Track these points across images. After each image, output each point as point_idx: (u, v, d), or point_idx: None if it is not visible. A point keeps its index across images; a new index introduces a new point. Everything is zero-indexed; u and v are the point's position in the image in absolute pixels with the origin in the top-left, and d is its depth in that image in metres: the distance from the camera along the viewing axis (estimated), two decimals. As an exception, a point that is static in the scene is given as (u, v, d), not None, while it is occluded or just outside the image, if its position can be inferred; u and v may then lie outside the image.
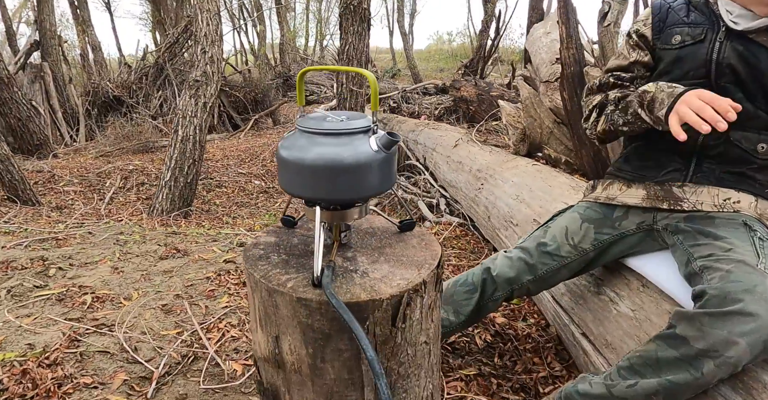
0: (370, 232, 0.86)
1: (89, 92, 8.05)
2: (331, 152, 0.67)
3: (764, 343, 0.85)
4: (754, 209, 1.16)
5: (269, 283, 0.68)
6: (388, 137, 0.69)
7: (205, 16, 4.30)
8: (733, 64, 1.13)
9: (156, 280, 2.11)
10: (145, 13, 18.04)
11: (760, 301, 0.86)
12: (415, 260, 0.75)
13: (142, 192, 4.89)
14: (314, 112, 0.75)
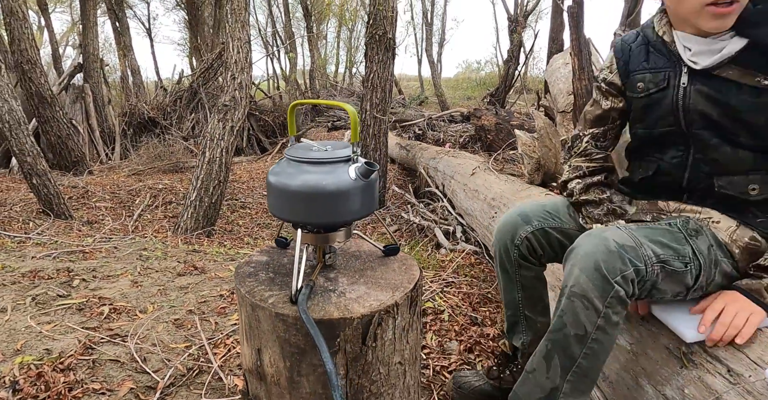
0: (356, 255, 0.92)
1: (126, 113, 8.42)
2: (313, 179, 0.73)
3: (595, 267, 0.98)
4: (731, 233, 1.13)
5: (253, 298, 0.74)
6: (365, 167, 0.75)
7: (236, 44, 4.51)
8: (701, 109, 1.08)
9: (172, 295, 2.19)
10: (183, 39, 18.87)
11: (590, 237, 1.04)
12: (392, 283, 0.80)
13: (169, 210, 5.06)
14: (302, 142, 0.82)
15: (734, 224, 1.14)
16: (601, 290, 0.98)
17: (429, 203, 4.32)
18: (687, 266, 1.08)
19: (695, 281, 1.11)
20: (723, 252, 1.13)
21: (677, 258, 1.06)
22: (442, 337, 1.92)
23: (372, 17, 4.99)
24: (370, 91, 5.00)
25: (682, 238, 1.10)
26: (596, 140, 1.34)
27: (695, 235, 1.12)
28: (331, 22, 20.22)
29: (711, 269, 1.11)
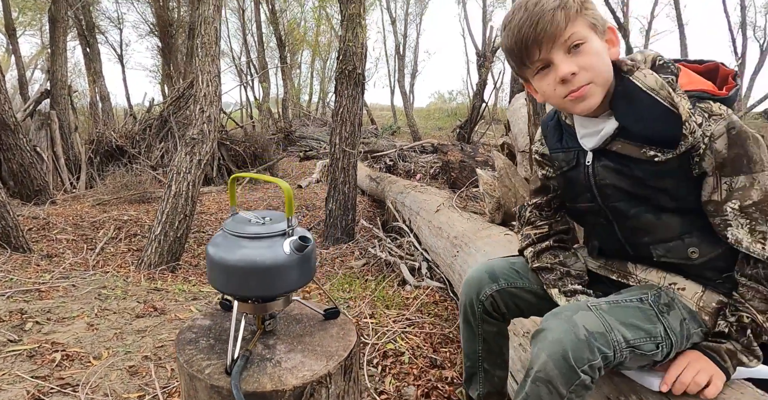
0: (298, 318, 0.94)
1: (93, 141, 8.31)
2: (249, 255, 0.77)
3: (563, 355, 0.96)
4: (697, 299, 1.13)
5: (190, 368, 0.76)
6: (299, 242, 0.79)
7: (205, 77, 4.55)
8: (611, 183, 1.12)
9: (128, 339, 2.16)
10: (155, 66, 18.83)
11: (560, 320, 1.01)
12: (328, 351, 0.83)
13: (133, 243, 4.97)
14: (240, 215, 0.85)
15: (700, 289, 1.14)
16: (567, 378, 0.97)
17: (396, 237, 4.36)
18: (658, 347, 1.07)
19: (665, 357, 1.10)
20: (696, 323, 1.13)
21: (649, 340, 1.06)
22: (400, 381, 1.94)
23: (342, 53, 5.11)
24: (340, 125, 5.08)
25: (653, 315, 1.09)
26: (539, 210, 1.38)
27: (667, 310, 1.12)
28: (305, 53, 20.54)
29: (683, 344, 1.11)
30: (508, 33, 1.07)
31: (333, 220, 5.03)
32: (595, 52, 1.04)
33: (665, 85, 1.01)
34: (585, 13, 1.03)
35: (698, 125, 1.01)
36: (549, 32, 1.01)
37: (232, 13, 19.85)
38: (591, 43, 1.03)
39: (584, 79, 1.03)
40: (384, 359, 2.11)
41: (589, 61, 1.03)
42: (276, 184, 0.78)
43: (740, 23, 20.36)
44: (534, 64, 1.07)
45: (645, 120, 1.04)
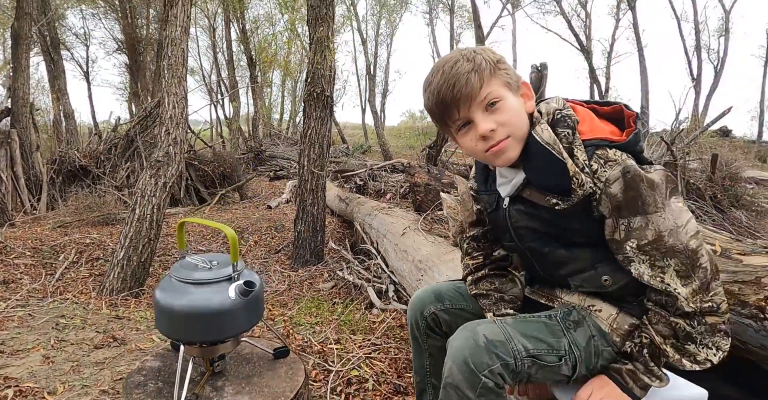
0: (248, 358, 0.96)
1: (56, 160, 8.10)
2: (195, 301, 0.78)
3: (464, 360, 1.07)
4: (611, 321, 1.20)
5: (138, 417, 0.77)
6: (244, 287, 0.81)
7: (172, 99, 4.52)
8: (525, 224, 1.21)
9: (86, 372, 2.10)
10: (123, 83, 18.58)
11: (464, 331, 1.13)
12: (275, 392, 0.85)
13: (95, 268, 4.84)
14: (188, 259, 0.87)
15: (615, 311, 1.21)
16: (471, 383, 1.06)
17: (364, 259, 4.38)
18: (561, 360, 1.15)
19: (573, 371, 1.19)
20: (605, 341, 1.20)
21: (551, 352, 1.14)
22: (363, 409, 1.94)
23: (310, 76, 5.15)
24: (308, 147, 5.10)
25: (559, 330, 1.18)
26: (476, 241, 1.47)
27: (574, 327, 1.20)
28: (276, 72, 20.60)
29: (591, 359, 1.19)
30: (429, 96, 1.15)
31: (302, 242, 5.01)
32: (511, 108, 1.12)
33: (557, 140, 1.09)
34: (498, 74, 1.12)
35: (592, 174, 1.08)
36: (465, 94, 1.09)
37: (203, 32, 19.83)
38: (506, 100, 1.12)
39: (502, 134, 1.12)
40: (348, 386, 2.11)
41: (505, 117, 1.11)
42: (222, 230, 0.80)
43: (695, 46, 21.39)
44: (455, 123, 1.16)
45: (543, 173, 1.12)
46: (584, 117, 1.15)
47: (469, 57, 1.11)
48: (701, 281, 1.06)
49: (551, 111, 1.15)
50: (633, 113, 1.15)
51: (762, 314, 1.67)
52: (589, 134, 1.11)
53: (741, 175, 5.80)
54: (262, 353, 0.99)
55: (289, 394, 0.83)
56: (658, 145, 6.12)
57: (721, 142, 12.56)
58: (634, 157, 1.10)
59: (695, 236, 1.07)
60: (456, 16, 22.53)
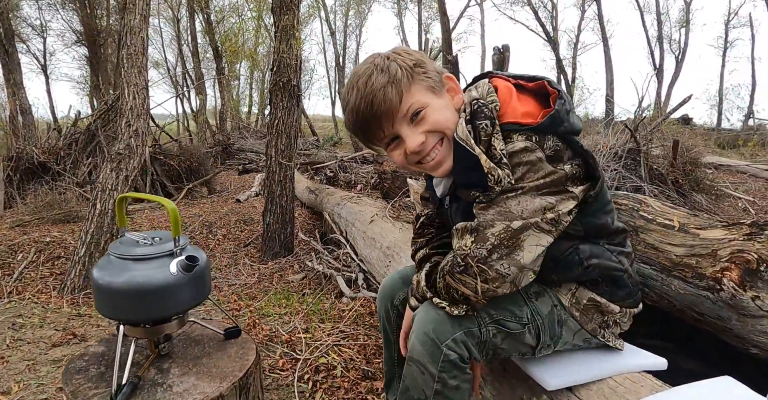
0: (198, 339, 0.93)
1: (13, 157, 7.79)
2: (136, 278, 0.75)
3: (425, 332, 1.07)
4: (570, 297, 1.22)
5: (75, 398, 0.73)
6: (186, 262, 0.78)
7: (131, 89, 4.39)
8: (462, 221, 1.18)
9: (42, 370, 2.03)
10: (83, 77, 17.97)
11: (426, 305, 1.13)
12: (223, 371, 0.82)
13: (56, 267, 4.68)
14: (128, 236, 0.83)
15: (573, 286, 1.23)
16: (432, 355, 1.05)
17: (334, 249, 4.35)
18: (525, 327, 1.17)
19: (537, 339, 1.20)
20: (567, 312, 1.22)
21: (513, 319, 1.15)
22: (331, 396, 1.92)
23: (276, 65, 5.07)
24: (275, 138, 5.02)
25: (520, 299, 1.18)
26: (429, 219, 1.45)
27: (535, 297, 1.21)
28: (244, 64, 20.23)
29: (555, 328, 1.20)
30: (349, 116, 1.10)
31: (271, 234, 4.95)
32: (438, 111, 1.07)
33: (468, 136, 1.04)
34: (417, 80, 1.06)
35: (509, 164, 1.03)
36: (385, 110, 1.04)
37: (167, 23, 19.31)
38: (430, 107, 1.07)
39: (433, 141, 1.08)
40: (316, 374, 2.09)
41: (433, 123, 1.07)
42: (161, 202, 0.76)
43: (657, 37, 21.91)
44: (383, 141, 1.11)
45: (462, 169, 1.09)
46: (504, 97, 1.09)
47: (383, 67, 1.04)
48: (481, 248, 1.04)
49: (470, 101, 1.10)
50: (554, 91, 1.09)
51: (718, 286, 1.72)
52: (506, 117, 1.07)
53: (701, 161, 5.97)
54: (213, 334, 0.96)
55: (238, 373, 0.81)
56: (622, 132, 6.24)
57: (682, 129, 12.91)
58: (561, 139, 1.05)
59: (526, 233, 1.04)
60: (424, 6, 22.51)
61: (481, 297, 1.06)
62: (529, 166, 1.02)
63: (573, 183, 1.07)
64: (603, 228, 1.19)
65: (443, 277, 1.10)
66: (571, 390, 1.25)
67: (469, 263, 1.04)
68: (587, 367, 1.28)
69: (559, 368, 1.26)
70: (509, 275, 1.05)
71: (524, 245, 1.04)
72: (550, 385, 1.22)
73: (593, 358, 1.31)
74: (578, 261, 1.18)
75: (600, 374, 1.26)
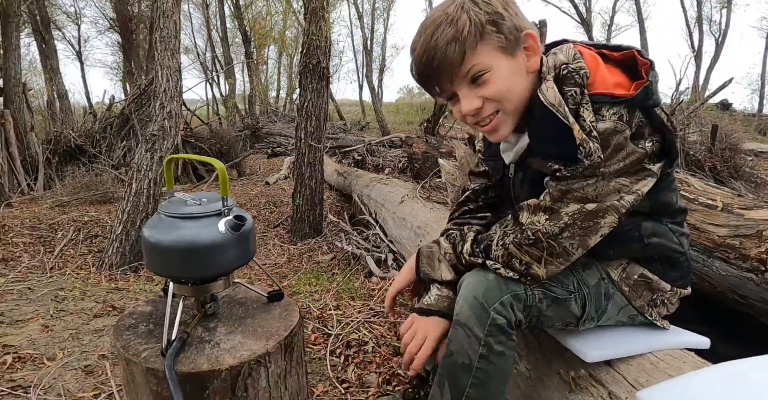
0: (242, 301, 0.94)
1: (51, 140, 8.03)
2: (185, 235, 0.76)
3: (474, 295, 1.04)
4: (620, 271, 1.19)
5: (127, 352, 0.75)
6: (234, 221, 0.79)
7: (165, 72, 4.45)
8: (527, 196, 1.12)
9: (85, 339, 2.10)
10: (116, 63, 18.33)
11: (473, 271, 1.11)
12: (269, 331, 0.83)
13: (94, 245, 4.83)
14: (177, 197, 0.84)
15: (625, 261, 1.20)
16: (479, 318, 1.03)
17: (363, 230, 4.37)
18: (570, 295, 1.15)
19: (583, 310, 1.18)
20: (615, 286, 1.19)
21: (560, 286, 1.13)
22: (363, 370, 1.95)
23: (306, 47, 5.07)
24: (305, 120, 5.05)
25: (566, 269, 1.15)
26: (475, 194, 1.43)
27: (582, 268, 1.18)
28: (272, 48, 20.31)
29: (601, 300, 1.17)
30: (412, 64, 1.06)
31: (300, 215, 4.99)
32: (502, 78, 1.00)
33: (562, 102, 0.97)
34: (487, 38, 0.98)
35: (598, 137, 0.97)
36: (445, 69, 0.99)
37: (196, 9, 19.47)
38: (496, 70, 0.99)
39: (489, 109, 1.03)
40: (347, 349, 2.11)
41: (493, 91, 1.00)
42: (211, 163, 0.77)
43: (696, 18, 21.06)
44: (443, 94, 1.07)
45: (546, 139, 1.03)
46: (591, 66, 1.02)
47: (453, 18, 0.97)
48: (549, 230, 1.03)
49: (558, 65, 1.02)
50: (647, 61, 1.02)
51: (763, 267, 1.66)
52: (596, 87, 1.00)
53: (740, 147, 5.76)
54: (256, 296, 0.97)
55: (283, 333, 0.82)
56: (658, 115, 6.06)
57: (721, 114, 12.46)
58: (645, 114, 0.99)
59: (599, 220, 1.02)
60: (453, -11, 22.03)
61: (545, 271, 1.06)
62: (615, 148, 0.97)
63: (651, 161, 1.02)
64: (668, 206, 1.16)
65: (505, 246, 1.07)
66: (609, 364, 1.23)
67: (539, 238, 1.03)
68: (627, 342, 1.25)
69: (599, 341, 1.24)
70: (574, 255, 1.06)
71: (598, 228, 1.03)
72: (589, 357, 1.20)
73: (633, 333, 1.28)
74: (638, 238, 1.15)
75: (640, 348, 1.24)
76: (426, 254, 1.24)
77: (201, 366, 0.74)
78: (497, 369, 1.07)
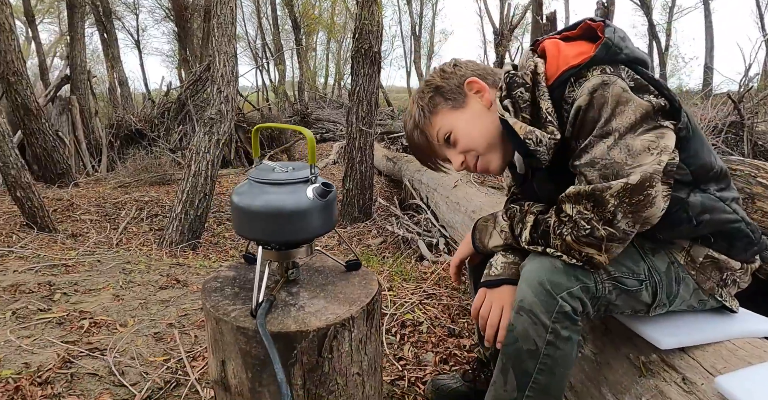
0: (320, 270, 0.96)
1: (113, 125, 8.42)
2: (273, 200, 0.78)
3: (539, 282, 1.01)
4: (684, 255, 1.15)
5: (216, 312, 0.78)
6: (322, 188, 0.80)
7: (222, 57, 4.56)
8: (548, 190, 1.14)
9: (153, 308, 2.21)
10: (172, 51, 18.92)
11: (538, 256, 1.08)
12: (351, 297, 0.84)
13: (154, 223, 5.06)
14: (265, 164, 0.86)
15: (687, 244, 1.15)
16: (546, 305, 1.00)
17: (413, 215, 4.37)
18: (642, 284, 1.10)
19: (654, 297, 1.13)
20: (684, 270, 1.14)
21: (631, 276, 1.08)
22: (419, 349, 1.96)
23: (358, 32, 5.07)
24: (356, 105, 5.07)
25: (636, 255, 1.11)
26: None
27: (651, 252, 1.13)
28: (321, 35, 20.44)
29: (672, 286, 1.13)
30: None
31: (350, 199, 5.04)
32: (464, 131, 1.13)
33: (501, 109, 1.06)
34: (438, 108, 1.14)
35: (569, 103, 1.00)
36: (423, 147, 1.18)
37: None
38: (457, 127, 1.13)
39: (472, 158, 1.15)
40: (402, 328, 2.13)
41: (463, 145, 1.13)
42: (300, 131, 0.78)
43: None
44: (442, 163, 1.25)
45: (514, 144, 1.08)
46: (552, 53, 1.07)
47: (410, 112, 1.18)
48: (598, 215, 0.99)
49: (504, 77, 1.10)
50: (599, 23, 1.05)
51: None
52: (556, 73, 1.03)
53: (815, 138, 5.37)
54: (334, 266, 0.99)
55: (365, 299, 0.83)
56: (723, 104, 5.73)
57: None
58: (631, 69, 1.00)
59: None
60: (505, -28, 21.50)
61: (606, 257, 1.03)
62: (616, 101, 0.95)
63: (663, 116, 1.00)
64: (708, 168, 1.09)
65: (562, 238, 1.05)
66: (683, 350, 1.19)
67: (594, 227, 0.99)
68: (700, 329, 1.20)
69: (672, 328, 1.20)
70: (632, 233, 1.01)
71: (651, 200, 0.98)
72: (663, 344, 1.16)
73: (706, 320, 1.23)
74: (687, 218, 1.09)
75: (716, 336, 1.18)
76: (480, 228, 1.26)
77: (289, 327, 0.76)
78: (564, 354, 1.06)
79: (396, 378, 1.72)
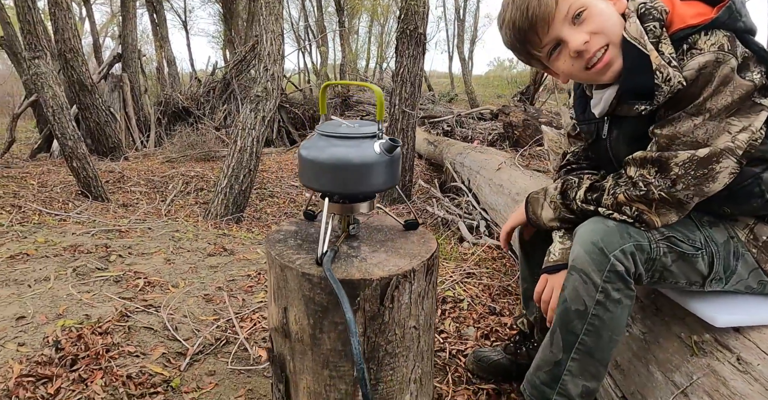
0: (379, 228, 0.98)
1: (161, 102, 8.67)
2: (341, 153, 0.80)
3: (593, 241, 1.00)
4: (747, 232, 1.12)
5: (282, 260, 0.81)
6: (390, 143, 0.81)
7: (269, 36, 4.61)
8: (626, 152, 1.10)
9: (202, 273, 2.29)
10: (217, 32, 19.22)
11: (591, 220, 1.07)
12: (411, 252, 0.86)
13: (200, 197, 5.22)
14: (333, 120, 0.88)
15: (751, 221, 1.12)
16: (598, 264, 0.99)
17: (454, 197, 4.35)
18: (698, 252, 1.08)
19: (710, 268, 1.10)
20: (745, 247, 1.11)
21: (687, 241, 1.06)
22: (460, 324, 1.97)
23: (404, 12, 5.03)
24: (400, 86, 5.05)
25: (692, 225, 1.09)
26: (574, 157, 1.39)
27: (709, 225, 1.11)
28: (363, 17, 20.32)
29: (730, 260, 1.10)
30: (506, 31, 1.07)
31: (390, 180, 5.06)
32: (600, 13, 1.01)
33: (643, 33, 0.98)
34: None
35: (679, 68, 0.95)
36: (542, 16, 1.00)
37: (292, -21, 19.82)
38: (593, 7, 1.01)
39: (598, 43, 1.02)
40: (443, 304, 2.14)
41: (596, 24, 1.01)
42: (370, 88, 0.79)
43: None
44: (543, 50, 1.07)
45: (632, 73, 1.01)
46: (668, 4, 1.04)
47: None
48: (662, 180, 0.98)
49: (637, 5, 1.05)
50: None
51: None
52: (678, 24, 0.99)
53: None
54: (392, 225, 1.02)
55: (425, 255, 0.85)
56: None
57: None
58: (742, 42, 0.95)
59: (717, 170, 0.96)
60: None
61: (658, 218, 1.01)
62: (721, 81, 0.93)
63: (761, 94, 0.97)
64: None
65: (614, 196, 1.04)
66: (738, 331, 1.15)
67: (651, 191, 1.00)
68: (758, 309, 1.17)
69: (728, 307, 1.16)
70: (690, 204, 1.01)
71: (715, 175, 0.97)
72: (718, 321, 1.13)
73: (765, 302, 1.19)
74: (758, 193, 1.06)
75: (775, 317, 1.15)
76: (532, 200, 1.27)
77: (353, 275, 0.78)
78: (613, 318, 1.04)
79: (438, 350, 1.74)
